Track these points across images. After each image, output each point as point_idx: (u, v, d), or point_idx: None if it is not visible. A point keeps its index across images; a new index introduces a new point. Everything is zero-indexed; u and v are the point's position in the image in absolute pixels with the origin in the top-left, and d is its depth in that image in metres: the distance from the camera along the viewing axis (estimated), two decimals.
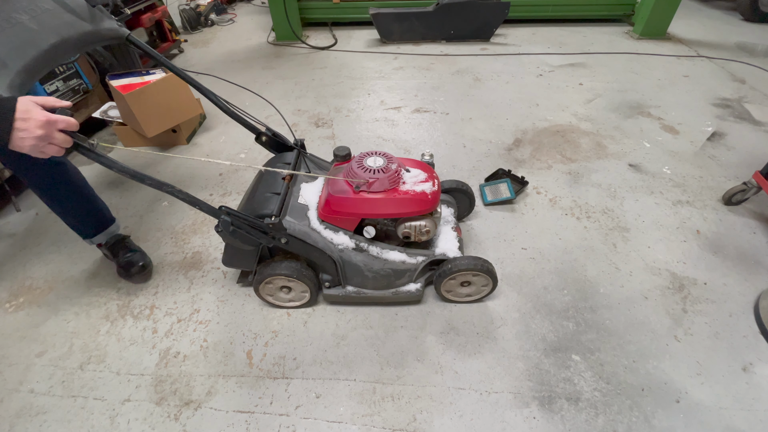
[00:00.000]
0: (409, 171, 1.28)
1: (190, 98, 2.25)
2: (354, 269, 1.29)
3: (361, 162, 1.23)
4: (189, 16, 4.15)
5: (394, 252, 1.28)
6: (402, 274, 1.31)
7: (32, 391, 1.23)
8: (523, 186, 1.88)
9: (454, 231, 1.44)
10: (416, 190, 1.22)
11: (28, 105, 0.80)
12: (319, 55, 3.53)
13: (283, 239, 1.17)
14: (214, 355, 1.30)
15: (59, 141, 0.84)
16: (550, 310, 1.40)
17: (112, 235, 1.56)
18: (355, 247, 1.26)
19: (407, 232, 1.27)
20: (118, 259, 1.53)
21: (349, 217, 1.24)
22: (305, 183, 1.36)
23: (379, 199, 1.20)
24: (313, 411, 1.15)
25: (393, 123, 2.48)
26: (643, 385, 1.18)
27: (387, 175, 1.20)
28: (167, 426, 1.13)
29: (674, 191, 1.89)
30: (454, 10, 3.47)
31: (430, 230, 1.27)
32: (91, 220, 1.50)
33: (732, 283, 1.47)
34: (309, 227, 1.24)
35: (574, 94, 2.76)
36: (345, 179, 1.23)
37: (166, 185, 1.02)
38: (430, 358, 1.27)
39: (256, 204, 1.23)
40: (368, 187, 1.20)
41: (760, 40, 3.59)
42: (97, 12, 1.09)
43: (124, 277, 1.54)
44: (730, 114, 2.48)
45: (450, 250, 1.35)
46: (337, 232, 1.26)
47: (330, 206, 1.23)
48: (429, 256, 1.32)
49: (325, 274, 1.32)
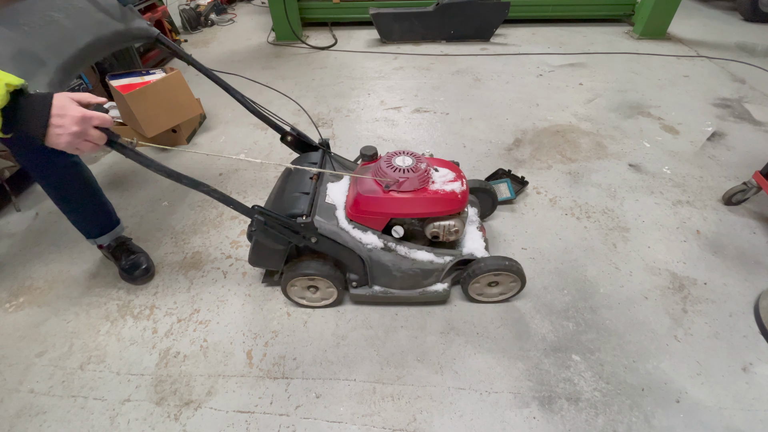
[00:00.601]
0: (438, 170, 1.27)
1: (190, 98, 2.25)
2: (382, 269, 1.28)
3: (389, 161, 1.23)
4: (189, 16, 4.15)
5: (421, 252, 1.28)
6: (429, 273, 1.31)
7: (32, 391, 1.23)
8: (523, 186, 1.88)
9: (479, 231, 1.43)
10: (446, 190, 1.21)
11: (64, 101, 0.79)
12: (319, 55, 3.53)
13: (314, 238, 1.18)
14: (214, 355, 1.30)
15: (94, 138, 0.84)
16: (550, 310, 1.40)
17: (116, 236, 1.56)
18: (383, 246, 1.25)
19: (436, 231, 1.26)
20: (121, 262, 1.53)
21: (379, 217, 1.23)
22: (331, 183, 1.36)
23: (409, 198, 1.20)
24: (313, 411, 1.15)
25: (393, 123, 2.48)
26: (643, 385, 1.19)
27: (417, 174, 1.19)
28: (167, 426, 1.13)
29: (674, 191, 1.89)
30: (454, 10, 3.47)
31: (459, 230, 1.27)
32: (99, 220, 1.50)
33: (732, 283, 1.47)
34: (338, 227, 1.24)
35: (574, 94, 2.76)
36: (374, 179, 1.22)
37: (202, 185, 1.02)
38: (430, 358, 1.27)
39: (286, 203, 1.23)
40: (398, 187, 1.19)
41: (760, 40, 3.59)
42: (127, 11, 1.09)
43: (128, 280, 1.54)
44: (730, 114, 2.48)
45: (477, 250, 1.34)
46: (366, 231, 1.25)
47: (359, 206, 1.22)
48: (456, 255, 1.31)
49: (353, 273, 1.32)
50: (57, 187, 1.37)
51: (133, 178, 2.09)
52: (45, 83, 0.82)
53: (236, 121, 2.56)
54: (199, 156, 2.23)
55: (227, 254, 1.65)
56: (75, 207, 1.43)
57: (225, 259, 1.63)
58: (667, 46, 3.46)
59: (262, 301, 1.46)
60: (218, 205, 1.88)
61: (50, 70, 0.85)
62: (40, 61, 0.84)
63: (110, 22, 1.04)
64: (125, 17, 1.08)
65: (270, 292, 1.49)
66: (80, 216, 1.46)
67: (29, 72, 0.81)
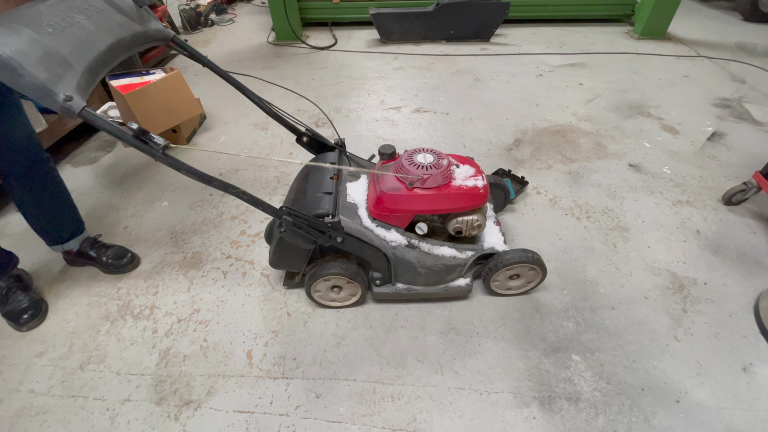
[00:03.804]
0: (459, 166, 1.28)
1: (190, 98, 2.25)
2: (407, 266, 1.29)
3: (411, 159, 1.23)
4: (189, 16, 4.15)
5: (444, 247, 1.29)
6: (453, 269, 1.32)
7: (32, 391, 1.23)
8: (523, 186, 1.88)
9: (496, 225, 1.45)
10: (468, 185, 1.22)
11: None
12: (319, 55, 3.53)
13: (340, 238, 1.18)
14: (214, 355, 1.30)
15: None
16: (550, 310, 1.40)
17: (83, 240, 1.58)
18: (407, 243, 1.26)
19: (459, 227, 1.27)
20: (103, 258, 1.56)
21: (403, 214, 1.24)
22: (350, 182, 1.36)
23: (434, 195, 1.20)
24: (313, 411, 1.15)
25: (393, 123, 2.48)
26: (643, 385, 1.19)
27: (440, 171, 1.20)
28: (167, 426, 1.13)
29: (674, 191, 1.89)
30: (454, 10, 3.47)
31: (482, 224, 1.28)
32: (69, 225, 1.52)
33: (732, 283, 1.47)
34: (362, 225, 1.24)
35: (574, 94, 2.76)
36: (396, 176, 1.22)
37: (232, 187, 1.02)
38: (430, 358, 1.27)
39: (311, 204, 1.23)
40: (422, 184, 1.20)
41: (760, 40, 3.59)
42: (144, 12, 1.09)
43: (115, 271, 1.57)
44: (730, 114, 2.48)
45: (497, 244, 1.36)
46: (389, 229, 1.25)
47: (383, 204, 1.22)
48: (478, 250, 1.32)
49: (376, 272, 1.32)
50: (35, 192, 1.38)
51: (133, 178, 2.09)
52: (73, 86, 0.81)
53: (236, 121, 2.56)
54: (199, 156, 2.22)
55: (227, 254, 1.65)
56: (48, 211, 1.45)
57: (225, 259, 1.63)
58: (667, 46, 3.46)
59: (262, 301, 1.46)
60: (218, 205, 1.88)
61: (77, 73, 0.84)
62: (68, 64, 0.83)
63: (129, 23, 1.03)
64: (142, 19, 1.07)
65: (270, 293, 1.49)
66: (52, 221, 1.48)
67: (57, 74, 0.80)
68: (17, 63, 0.74)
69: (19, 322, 1.39)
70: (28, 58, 0.76)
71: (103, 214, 1.86)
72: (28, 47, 0.77)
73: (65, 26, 0.87)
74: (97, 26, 0.94)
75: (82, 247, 1.56)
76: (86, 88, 0.85)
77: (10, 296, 1.41)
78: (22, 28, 0.79)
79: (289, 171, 2.09)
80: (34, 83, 0.76)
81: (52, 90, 0.77)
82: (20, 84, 0.76)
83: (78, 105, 0.80)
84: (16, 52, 0.74)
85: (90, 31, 0.92)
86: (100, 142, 2.42)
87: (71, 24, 0.89)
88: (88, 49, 0.89)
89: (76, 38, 0.88)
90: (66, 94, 0.79)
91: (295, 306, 1.43)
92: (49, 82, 0.77)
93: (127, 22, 1.03)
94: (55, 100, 0.78)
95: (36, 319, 1.41)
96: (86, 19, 0.93)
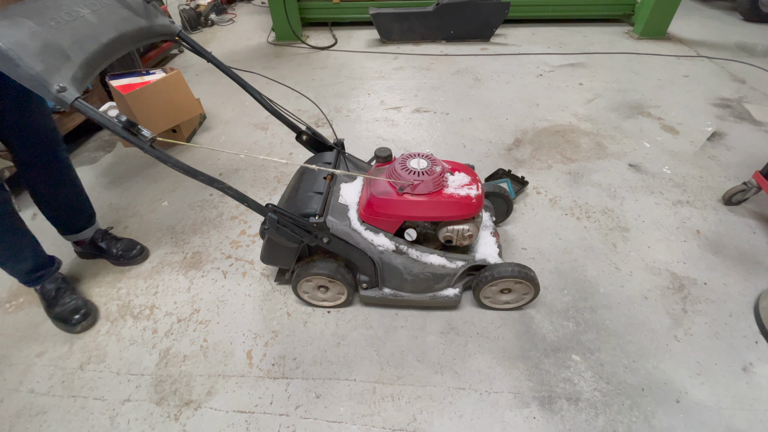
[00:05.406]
0: (453, 174, 1.26)
1: (190, 98, 2.25)
2: (393, 271, 1.27)
3: (404, 163, 1.21)
4: (189, 16, 4.15)
5: (433, 256, 1.26)
6: (441, 278, 1.29)
7: (32, 391, 1.23)
8: (523, 186, 1.88)
9: (492, 236, 1.40)
10: (461, 194, 1.20)
11: None
12: (319, 55, 3.53)
13: (326, 238, 1.18)
14: (214, 355, 1.30)
15: None
16: (550, 310, 1.40)
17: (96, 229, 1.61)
18: (395, 249, 1.24)
19: (449, 236, 1.24)
20: (113, 250, 1.58)
21: (392, 219, 1.22)
22: (344, 183, 1.35)
23: (424, 201, 1.18)
24: (313, 411, 1.15)
25: (393, 123, 2.48)
26: (643, 385, 1.19)
27: (432, 177, 1.18)
28: (167, 426, 1.13)
29: (674, 191, 1.89)
30: (454, 10, 3.47)
31: (473, 234, 1.24)
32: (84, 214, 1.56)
33: (732, 283, 1.47)
34: (350, 227, 1.23)
35: (574, 94, 2.76)
36: (388, 180, 1.21)
37: (217, 181, 1.03)
38: (430, 358, 1.27)
39: (300, 203, 1.23)
40: (412, 190, 1.18)
41: (760, 40, 3.58)
42: (150, 8, 1.11)
43: (125, 262, 1.59)
44: (730, 114, 2.48)
45: (490, 256, 1.32)
46: (378, 233, 1.24)
47: (372, 207, 1.21)
48: (469, 261, 1.29)
49: (363, 275, 1.31)
50: (54, 181, 1.40)
51: (133, 178, 2.09)
52: (68, 78, 0.84)
53: (236, 121, 2.56)
54: (198, 156, 2.22)
55: (227, 254, 1.65)
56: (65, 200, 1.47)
57: (225, 259, 1.63)
58: (667, 46, 3.46)
59: (262, 301, 1.46)
60: (218, 205, 1.88)
61: (74, 65, 0.86)
62: (65, 56, 0.86)
63: (134, 18, 1.05)
64: (149, 14, 1.09)
65: (270, 293, 1.49)
66: (68, 210, 1.50)
67: (54, 66, 0.82)
68: (15, 54, 0.77)
69: (71, 323, 1.36)
70: (27, 49, 0.79)
71: (103, 214, 1.86)
72: (28, 39, 0.80)
73: (68, 20, 0.90)
74: (100, 20, 0.97)
75: (94, 238, 1.58)
76: (82, 80, 0.88)
77: (59, 298, 1.40)
78: (25, 21, 0.82)
79: (289, 171, 2.09)
80: (30, 74, 0.79)
81: (47, 80, 0.80)
82: (17, 74, 0.79)
83: (71, 96, 0.83)
84: (14, 44, 0.78)
85: (93, 25, 0.94)
86: (100, 142, 2.43)
87: (75, 18, 0.92)
88: (88, 42, 0.92)
89: (78, 31, 0.90)
90: (60, 85, 0.81)
91: (295, 306, 1.43)
92: (45, 73, 0.80)
93: (132, 17, 1.05)
94: (49, 90, 0.80)
95: (88, 319, 1.38)
96: (91, 13, 0.96)
